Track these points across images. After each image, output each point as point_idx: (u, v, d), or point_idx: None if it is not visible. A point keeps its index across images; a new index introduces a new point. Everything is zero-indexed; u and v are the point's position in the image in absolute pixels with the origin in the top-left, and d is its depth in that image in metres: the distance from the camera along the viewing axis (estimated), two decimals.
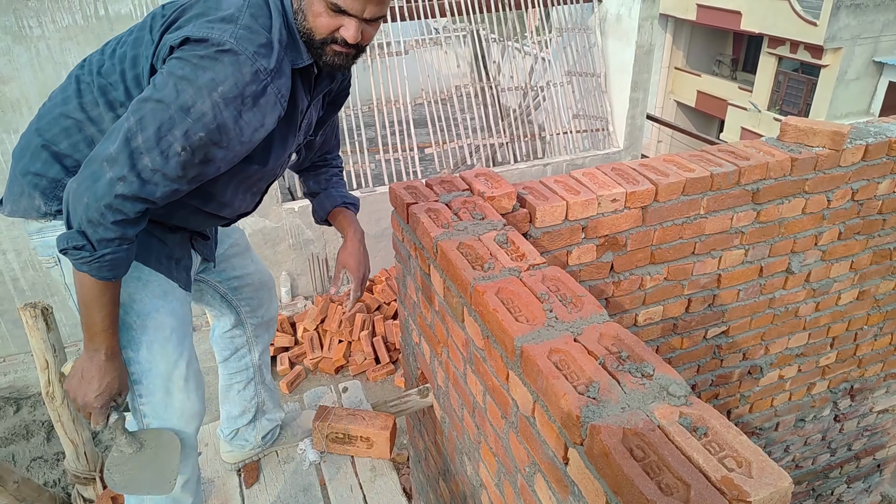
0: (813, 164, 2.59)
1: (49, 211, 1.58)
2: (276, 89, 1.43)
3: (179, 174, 1.41)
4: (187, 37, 1.35)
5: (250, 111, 1.41)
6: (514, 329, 1.50)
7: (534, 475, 1.56)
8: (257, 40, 1.37)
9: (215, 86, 1.34)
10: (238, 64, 1.35)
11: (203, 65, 1.33)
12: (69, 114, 1.54)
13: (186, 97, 1.34)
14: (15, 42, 5.08)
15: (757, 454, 1.17)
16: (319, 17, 1.43)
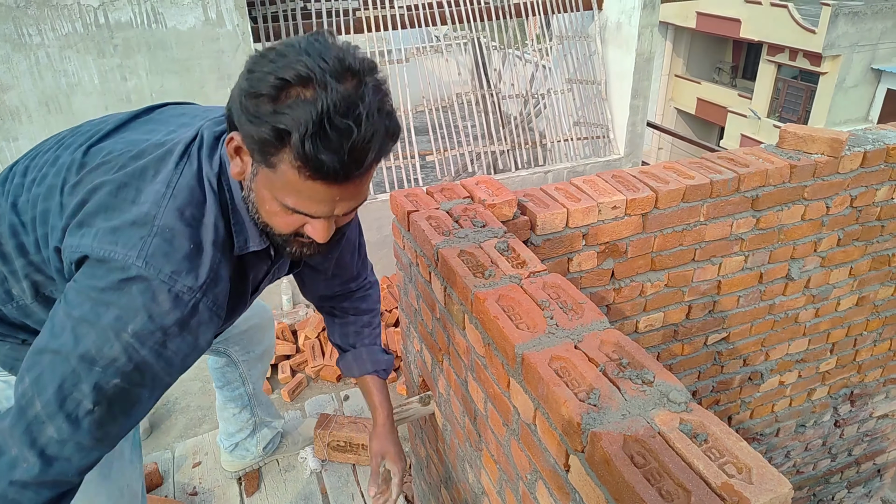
0: (812, 171, 2.60)
1: None
2: (209, 303, 1.13)
3: (98, 436, 1.08)
4: (86, 255, 1.07)
5: (177, 339, 1.10)
6: (515, 336, 1.50)
7: (535, 482, 1.56)
8: (178, 252, 1.08)
9: (124, 325, 1.04)
10: (151, 292, 1.05)
11: (105, 299, 1.04)
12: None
13: (88, 344, 1.03)
14: (14, 50, 5.09)
15: (757, 460, 1.17)
16: (275, 216, 1.12)
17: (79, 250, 1.07)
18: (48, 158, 1.26)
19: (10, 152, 5.35)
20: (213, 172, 1.14)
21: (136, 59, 5.43)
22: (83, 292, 1.05)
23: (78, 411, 1.04)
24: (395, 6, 7.08)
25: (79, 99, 5.38)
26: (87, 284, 1.05)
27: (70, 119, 5.38)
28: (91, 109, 5.46)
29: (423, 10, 7.16)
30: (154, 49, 5.43)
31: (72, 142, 1.26)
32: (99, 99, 5.43)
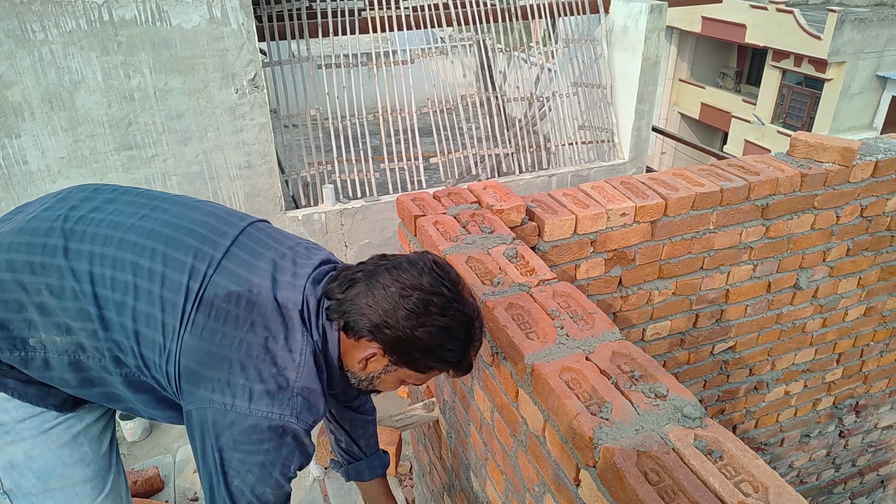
0: (822, 180, 2.57)
1: None
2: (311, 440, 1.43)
3: None
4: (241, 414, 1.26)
5: (309, 449, 1.39)
6: (525, 346, 1.47)
7: (543, 495, 1.53)
8: (315, 408, 1.34)
9: (288, 468, 1.33)
10: (298, 437, 1.32)
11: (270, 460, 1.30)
12: (18, 287, 1.28)
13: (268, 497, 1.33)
14: (18, 46, 5.08)
15: (774, 479, 1.15)
16: (388, 386, 1.47)
17: (231, 413, 1.25)
18: (134, 244, 1.31)
19: (13, 149, 5.33)
20: (320, 340, 1.36)
21: (139, 56, 5.40)
22: (248, 460, 1.28)
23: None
24: (400, 7, 7.06)
25: (82, 96, 5.36)
26: (250, 450, 1.27)
27: (73, 116, 5.36)
28: (94, 107, 5.45)
29: (428, 12, 7.14)
30: (158, 47, 5.41)
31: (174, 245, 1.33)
32: (102, 96, 5.41)
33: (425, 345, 1.32)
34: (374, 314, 1.31)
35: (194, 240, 1.35)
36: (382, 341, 1.33)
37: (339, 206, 6.40)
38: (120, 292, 1.29)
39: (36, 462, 1.39)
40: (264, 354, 1.28)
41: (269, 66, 6.58)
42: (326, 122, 6.84)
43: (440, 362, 1.37)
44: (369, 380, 1.43)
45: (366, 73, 7.05)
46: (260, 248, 1.40)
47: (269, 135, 6.11)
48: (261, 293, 1.32)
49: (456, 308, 1.33)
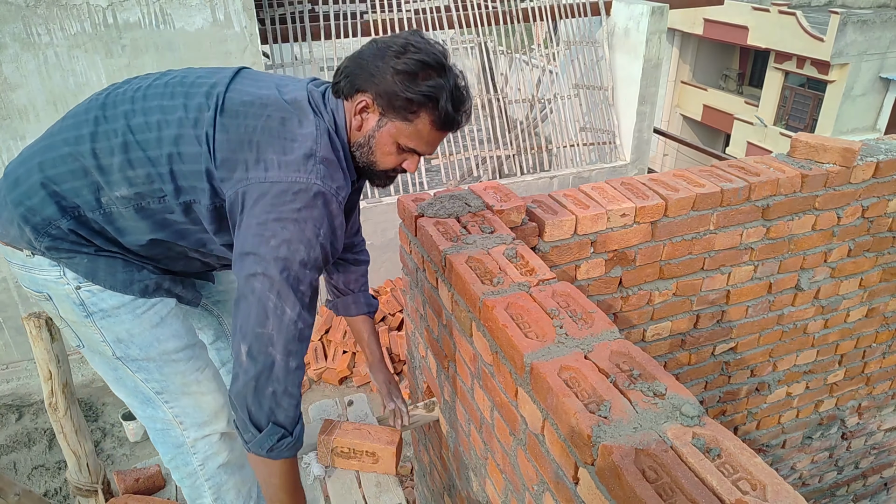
0: (823, 181, 2.57)
1: (39, 247, 1.56)
2: (343, 206, 1.57)
3: (315, 312, 1.56)
4: (274, 181, 1.44)
5: (339, 230, 1.55)
6: (524, 345, 1.48)
7: (542, 494, 1.53)
8: (336, 175, 1.50)
9: (318, 231, 1.47)
10: (327, 203, 1.48)
11: (303, 217, 1.44)
12: (79, 156, 1.52)
13: (302, 254, 1.45)
14: (23, 49, 5.10)
15: (772, 477, 1.15)
16: (389, 156, 1.60)
17: (267, 179, 1.43)
18: (162, 93, 1.55)
19: (18, 150, 5.35)
20: (331, 123, 1.55)
21: (143, 59, 5.43)
22: (284, 217, 1.43)
23: (305, 301, 1.49)
24: (402, 10, 7.07)
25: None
26: (284, 209, 1.43)
27: None
28: None
29: (430, 14, 7.15)
30: (162, 50, 5.43)
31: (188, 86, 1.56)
32: None
33: (404, 72, 1.46)
34: (359, 66, 1.51)
35: (203, 78, 1.59)
36: (370, 86, 1.50)
37: None
38: (156, 130, 1.51)
39: (136, 338, 1.68)
40: (284, 132, 1.48)
41: (271, 69, 6.60)
42: None
43: (420, 96, 1.47)
44: (367, 143, 1.57)
45: None
46: (260, 76, 1.63)
47: None
48: (270, 96, 1.53)
49: (434, 50, 1.49)
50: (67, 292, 1.61)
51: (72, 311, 1.64)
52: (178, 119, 1.51)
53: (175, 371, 1.76)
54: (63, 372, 2.07)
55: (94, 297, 1.62)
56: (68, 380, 2.08)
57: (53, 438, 5.98)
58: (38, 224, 1.52)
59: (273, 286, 1.44)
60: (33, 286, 1.64)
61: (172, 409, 1.81)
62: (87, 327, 1.66)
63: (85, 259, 1.58)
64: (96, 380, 6.56)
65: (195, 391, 1.81)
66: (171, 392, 1.78)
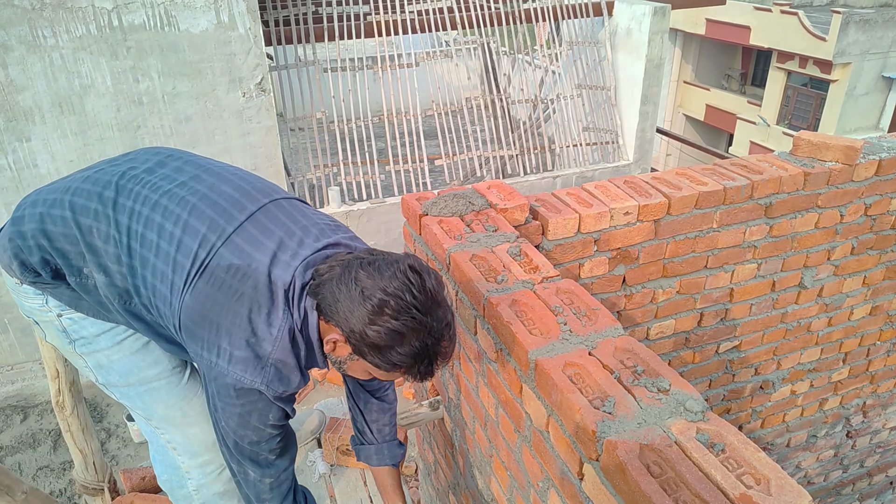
0: (826, 179, 2.58)
1: (23, 280, 1.60)
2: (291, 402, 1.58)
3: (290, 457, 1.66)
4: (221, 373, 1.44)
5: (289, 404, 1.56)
6: (529, 342, 1.49)
7: (547, 490, 1.54)
8: (287, 380, 1.47)
9: (265, 418, 1.51)
10: (271, 402, 1.49)
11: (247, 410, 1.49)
12: (75, 226, 1.52)
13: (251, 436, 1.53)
14: (29, 52, 5.12)
15: (775, 471, 1.16)
16: (359, 374, 1.53)
17: (215, 369, 1.43)
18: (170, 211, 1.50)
19: (24, 152, 5.37)
20: (300, 320, 1.45)
21: (148, 61, 5.44)
22: (227, 409, 1.48)
23: (270, 460, 1.59)
24: (405, 11, 7.09)
25: (91, 100, 5.40)
26: (229, 402, 1.47)
27: (83, 120, 5.41)
28: (103, 111, 5.48)
29: (433, 15, 7.16)
30: (166, 51, 5.45)
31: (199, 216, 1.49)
32: (111, 100, 5.45)
33: (374, 343, 1.36)
34: (339, 304, 1.38)
35: (214, 212, 1.49)
36: (342, 329, 1.40)
37: (344, 208, 6.43)
38: (146, 248, 1.48)
39: (115, 365, 1.69)
40: (247, 325, 1.41)
41: (275, 70, 6.62)
42: (332, 125, 6.87)
43: (390, 364, 1.38)
44: (339, 363, 1.50)
45: (371, 77, 7.08)
46: (273, 226, 1.51)
47: (275, 138, 6.14)
48: (257, 269, 1.44)
49: (412, 315, 1.34)
50: (51, 319, 1.65)
51: (56, 337, 1.69)
52: (165, 254, 1.48)
53: (156, 399, 1.75)
54: (70, 370, 2.08)
55: (76, 324, 1.65)
56: (75, 378, 2.09)
57: (58, 439, 5.99)
58: (25, 262, 1.56)
59: (232, 456, 1.57)
60: (24, 311, 1.69)
61: (164, 435, 1.82)
62: (71, 354, 1.71)
63: (67, 290, 1.60)
64: None
65: (180, 422, 1.80)
66: (157, 419, 1.79)
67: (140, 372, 1.71)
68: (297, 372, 1.48)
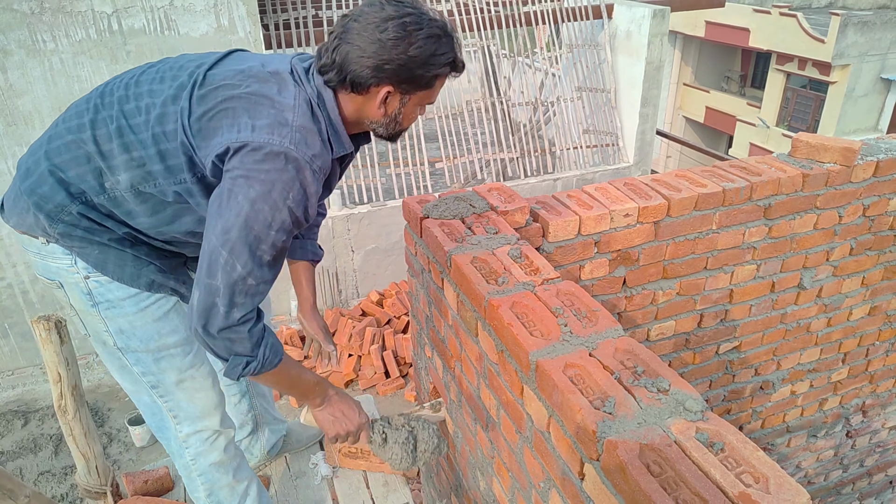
0: (824, 180, 2.59)
1: (52, 233, 1.62)
2: (322, 176, 1.58)
3: (276, 270, 1.57)
4: (245, 143, 1.44)
5: (312, 198, 1.55)
6: (529, 343, 1.50)
7: (549, 491, 1.55)
8: (313, 145, 1.50)
9: (286, 195, 1.46)
10: (300, 169, 1.47)
11: (271, 178, 1.44)
12: (81, 143, 1.57)
13: (266, 215, 1.45)
14: (29, 56, 5.14)
15: (774, 470, 1.17)
16: (413, 117, 1.66)
17: (238, 140, 1.43)
18: (153, 78, 1.60)
19: None
20: (314, 95, 1.53)
21: None
22: (252, 176, 1.43)
23: (263, 260, 1.49)
24: None
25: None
26: (253, 168, 1.43)
27: None
28: None
29: None
30: (167, 55, 5.47)
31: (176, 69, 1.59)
32: None
33: (422, 59, 1.49)
34: (369, 60, 1.48)
35: (192, 61, 1.62)
36: (388, 77, 1.51)
37: (345, 212, 6.44)
38: (144, 113, 1.55)
39: (138, 331, 1.75)
40: (262, 99, 1.49)
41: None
42: None
43: (440, 66, 1.53)
44: (394, 120, 1.61)
45: None
46: (248, 56, 1.66)
47: None
48: (251, 68, 1.55)
49: (427, 18, 1.50)
50: (77, 281, 1.68)
51: (80, 299, 1.72)
52: (162, 100, 1.56)
53: (171, 366, 1.82)
54: (72, 374, 2.09)
55: (102, 287, 1.69)
56: (77, 382, 2.10)
57: (59, 444, 6.00)
58: (51, 211, 1.59)
59: (227, 241, 1.46)
60: (47, 273, 1.71)
61: (167, 403, 1.88)
62: (93, 316, 1.74)
63: (96, 250, 1.65)
64: (102, 385, 6.59)
65: (189, 386, 1.87)
66: (165, 386, 1.85)
67: (161, 338, 1.78)
68: (320, 141, 1.52)
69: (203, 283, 1.48)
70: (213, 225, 1.47)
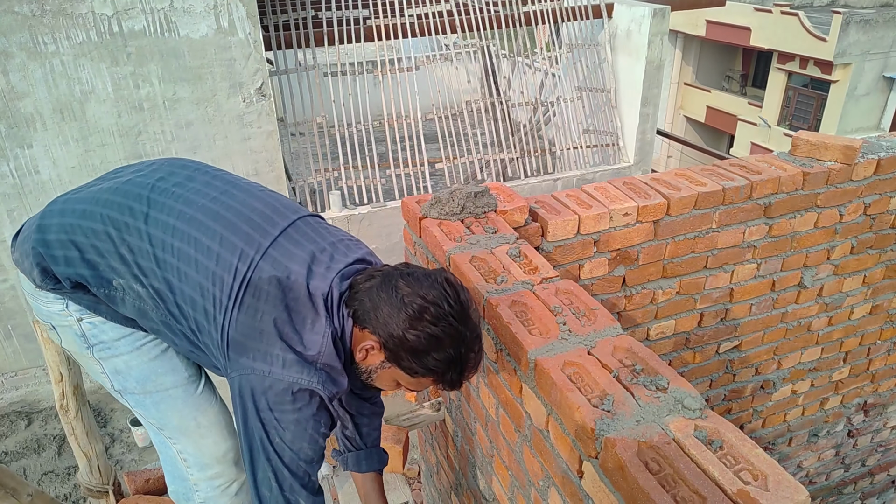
0: (825, 179, 2.59)
1: (43, 287, 1.60)
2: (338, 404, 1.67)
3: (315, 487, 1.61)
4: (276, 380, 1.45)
5: (328, 430, 1.58)
6: (528, 342, 1.50)
7: (548, 489, 1.55)
8: (338, 382, 1.52)
9: (318, 427, 1.52)
10: (325, 404, 1.51)
11: (303, 417, 1.48)
12: (107, 237, 1.53)
13: (307, 452, 1.52)
14: (30, 58, 5.14)
15: (773, 467, 1.17)
16: (388, 386, 1.61)
17: (269, 378, 1.44)
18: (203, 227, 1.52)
19: (25, 159, 5.39)
20: (339, 330, 1.51)
21: (149, 67, 5.47)
22: (284, 418, 1.46)
23: (307, 484, 1.56)
24: (405, 15, 7.11)
25: (92, 106, 5.42)
26: (285, 409, 1.46)
27: (84, 126, 5.43)
28: (104, 117, 5.50)
29: (433, 19, 7.18)
30: (167, 57, 5.47)
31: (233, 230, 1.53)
32: (112, 106, 5.47)
33: (413, 347, 1.44)
34: (378, 310, 1.46)
35: (249, 227, 1.54)
36: (380, 335, 1.47)
37: (345, 213, 6.45)
38: (183, 262, 1.50)
39: (133, 371, 1.69)
40: (294, 333, 1.47)
41: (275, 75, 6.64)
42: (333, 130, 6.89)
43: (425, 369, 1.46)
44: (368, 372, 1.57)
45: (371, 81, 7.10)
46: (303, 241, 1.57)
47: (276, 142, 6.16)
48: (296, 280, 1.50)
49: (450, 322, 1.43)
50: (70, 324, 1.65)
51: (73, 342, 1.69)
52: (205, 268, 1.51)
53: (172, 408, 1.76)
54: (74, 374, 2.09)
55: (95, 328, 1.65)
56: (79, 382, 2.10)
57: (62, 444, 6.01)
58: (46, 271, 1.57)
59: (285, 482, 1.52)
60: (40, 316, 1.69)
61: (175, 445, 1.82)
62: (88, 359, 1.70)
63: (87, 296, 1.61)
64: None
65: (194, 433, 1.81)
66: (170, 429, 1.79)
67: (157, 378, 1.72)
68: (342, 376, 1.54)
69: None
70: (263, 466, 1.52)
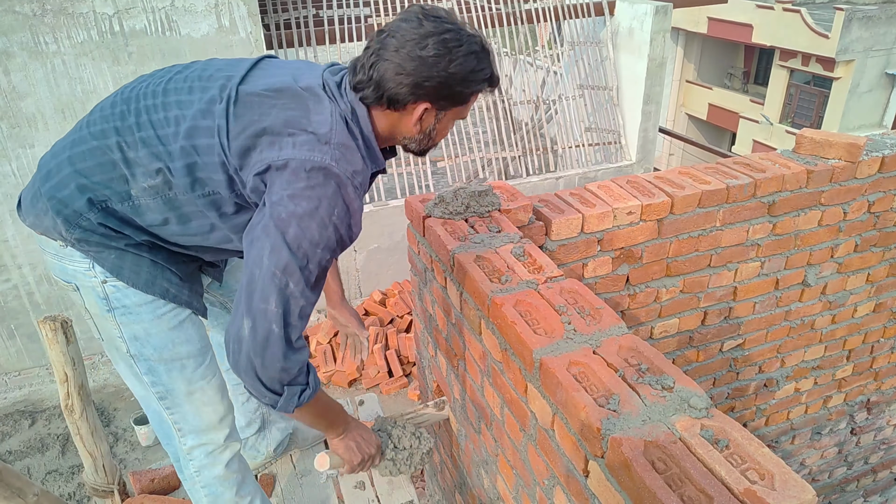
0: (829, 177, 2.58)
1: (69, 238, 1.61)
2: (363, 192, 1.58)
3: (319, 293, 1.55)
4: (288, 160, 1.45)
5: (355, 215, 1.54)
6: (533, 341, 1.50)
7: (553, 488, 1.55)
8: (353, 161, 1.51)
9: (332, 212, 1.46)
10: (342, 185, 1.47)
11: (317, 195, 1.44)
12: (106, 150, 1.56)
13: (313, 233, 1.45)
14: (31, 58, 5.14)
15: (779, 466, 1.17)
16: (444, 133, 1.65)
17: (281, 158, 1.44)
18: (181, 87, 1.59)
19: (27, 159, 5.39)
20: (349, 112, 1.53)
21: (150, 66, 5.46)
22: (297, 194, 1.43)
23: (310, 280, 1.48)
24: None
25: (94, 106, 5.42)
26: (297, 187, 1.43)
27: None
28: None
29: None
30: (168, 56, 5.47)
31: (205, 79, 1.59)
32: None
33: (462, 76, 1.49)
34: (408, 77, 1.47)
35: (221, 70, 1.61)
36: (427, 95, 1.51)
37: None
38: (173, 125, 1.54)
39: (153, 338, 1.74)
40: (299, 117, 1.49)
41: None
42: None
43: (479, 83, 1.53)
44: (428, 136, 1.62)
45: None
46: (277, 66, 1.64)
47: None
48: (284, 84, 1.54)
49: (465, 34, 1.49)
50: (94, 285, 1.67)
51: (95, 303, 1.71)
52: (192, 113, 1.55)
53: (182, 376, 1.81)
54: (79, 374, 2.10)
55: (119, 292, 1.68)
56: (84, 382, 2.11)
57: (66, 444, 6.01)
58: (69, 216, 1.58)
59: (279, 262, 1.44)
60: (63, 276, 1.70)
61: (172, 416, 1.86)
62: (108, 321, 1.72)
63: (112, 255, 1.64)
64: (108, 385, 6.60)
65: (198, 399, 1.85)
66: (173, 397, 1.83)
67: (175, 347, 1.77)
68: (359, 156, 1.53)
69: (255, 310, 1.45)
70: (260, 246, 1.45)
